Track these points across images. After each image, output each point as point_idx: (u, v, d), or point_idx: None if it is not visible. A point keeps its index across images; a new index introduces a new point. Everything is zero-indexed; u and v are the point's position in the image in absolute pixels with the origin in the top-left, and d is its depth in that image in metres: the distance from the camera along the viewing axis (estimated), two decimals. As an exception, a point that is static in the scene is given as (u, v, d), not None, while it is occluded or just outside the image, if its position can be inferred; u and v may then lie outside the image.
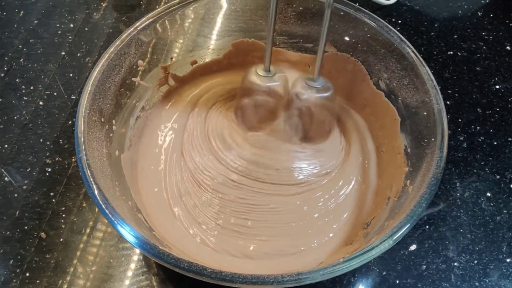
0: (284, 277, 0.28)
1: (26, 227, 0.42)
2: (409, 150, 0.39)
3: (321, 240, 0.38)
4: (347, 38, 0.43)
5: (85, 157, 0.33)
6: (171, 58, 0.45)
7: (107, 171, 0.36)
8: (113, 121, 0.39)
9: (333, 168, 0.43)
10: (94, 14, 0.60)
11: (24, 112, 0.50)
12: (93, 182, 0.32)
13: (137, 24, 0.41)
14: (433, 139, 0.35)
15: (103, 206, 0.31)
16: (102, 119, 0.38)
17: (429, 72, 0.38)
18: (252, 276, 0.29)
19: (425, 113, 0.37)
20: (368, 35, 0.42)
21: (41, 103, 0.51)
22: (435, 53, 0.56)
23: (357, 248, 0.32)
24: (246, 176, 0.42)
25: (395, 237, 0.30)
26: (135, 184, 0.40)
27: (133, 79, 0.42)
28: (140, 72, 0.42)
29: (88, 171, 0.32)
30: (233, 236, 0.39)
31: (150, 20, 0.41)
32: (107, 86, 0.38)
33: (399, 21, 0.59)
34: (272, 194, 0.41)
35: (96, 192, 0.32)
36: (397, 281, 0.40)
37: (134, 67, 0.41)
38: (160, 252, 0.30)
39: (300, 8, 0.45)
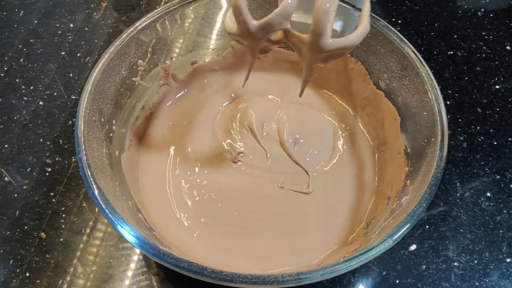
0: (284, 277, 0.28)
1: (26, 227, 0.42)
2: (409, 150, 0.39)
3: (321, 240, 0.38)
4: (347, 38, 0.43)
5: (85, 157, 0.33)
6: (171, 58, 0.45)
7: (107, 171, 0.35)
8: (113, 121, 0.39)
9: (333, 168, 0.43)
10: (94, 14, 0.60)
11: (24, 112, 0.50)
12: (93, 182, 0.32)
13: (137, 24, 0.41)
14: (433, 139, 0.35)
15: (103, 206, 0.31)
16: (102, 119, 0.38)
17: (429, 72, 0.38)
18: (252, 276, 0.29)
19: (425, 113, 0.37)
20: (368, 35, 0.42)
21: (41, 103, 0.51)
22: (435, 53, 0.56)
23: (357, 248, 0.32)
24: (247, 174, 0.42)
25: (395, 237, 0.30)
26: (135, 184, 0.40)
27: (133, 79, 0.42)
28: (140, 72, 0.42)
29: (88, 171, 0.32)
30: (234, 234, 0.39)
31: (150, 20, 0.41)
32: (107, 86, 0.38)
33: (399, 21, 0.59)
34: (274, 190, 0.41)
35: (96, 192, 0.32)
36: (397, 281, 0.40)
37: (134, 67, 0.41)
38: (160, 252, 0.30)
39: (300, 8, 0.45)
